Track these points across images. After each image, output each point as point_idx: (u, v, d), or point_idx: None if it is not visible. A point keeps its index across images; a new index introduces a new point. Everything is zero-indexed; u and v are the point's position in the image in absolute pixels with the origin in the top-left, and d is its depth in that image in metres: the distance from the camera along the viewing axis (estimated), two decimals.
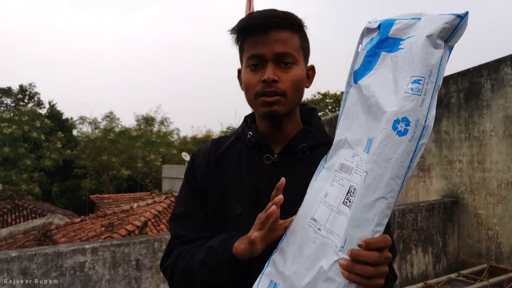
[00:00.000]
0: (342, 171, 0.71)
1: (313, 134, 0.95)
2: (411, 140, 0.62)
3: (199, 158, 0.99)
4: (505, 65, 4.09)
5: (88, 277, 2.34)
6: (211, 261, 0.82)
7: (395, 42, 0.69)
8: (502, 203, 4.08)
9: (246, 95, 0.92)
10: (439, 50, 0.64)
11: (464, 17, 0.63)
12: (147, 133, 21.72)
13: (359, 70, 0.73)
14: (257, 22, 0.85)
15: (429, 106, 0.63)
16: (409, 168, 0.63)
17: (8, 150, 17.85)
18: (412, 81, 0.64)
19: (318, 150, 0.92)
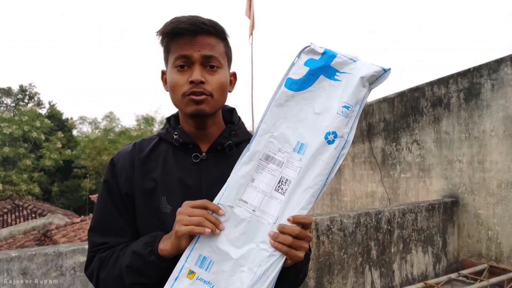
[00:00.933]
0: (269, 161, 0.85)
1: (236, 132, 1.00)
2: (336, 148, 0.83)
3: (120, 162, 0.97)
4: (505, 65, 4.10)
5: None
6: (137, 265, 0.84)
7: (333, 71, 0.88)
8: (502, 203, 4.08)
9: (171, 95, 0.94)
10: (364, 89, 0.86)
11: (387, 71, 0.87)
12: (147, 133, 21.73)
13: (298, 81, 0.87)
14: (186, 27, 0.88)
15: (351, 127, 0.85)
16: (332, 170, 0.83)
17: (8, 150, 17.88)
18: (343, 106, 0.85)
19: (242, 146, 0.96)
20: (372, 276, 3.66)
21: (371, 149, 5.91)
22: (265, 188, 0.83)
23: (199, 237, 0.80)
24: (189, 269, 0.79)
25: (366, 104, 6.07)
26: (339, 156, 0.83)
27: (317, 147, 0.83)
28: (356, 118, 0.86)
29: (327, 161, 0.82)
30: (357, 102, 0.85)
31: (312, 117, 0.86)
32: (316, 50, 0.89)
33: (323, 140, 0.83)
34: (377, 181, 5.75)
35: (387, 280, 3.79)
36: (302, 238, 0.79)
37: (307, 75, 0.88)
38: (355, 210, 3.72)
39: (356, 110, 0.85)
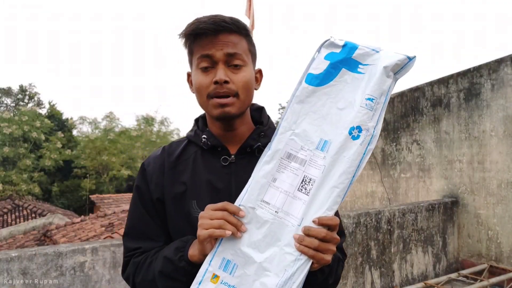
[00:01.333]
0: (291, 160, 0.81)
1: (265, 133, 0.97)
2: (362, 144, 0.79)
3: (150, 166, 0.97)
4: (505, 65, 4.10)
5: (88, 277, 2.34)
6: (169, 270, 0.84)
7: (355, 63, 0.84)
8: (502, 203, 4.08)
9: (197, 97, 0.92)
10: (389, 79, 0.82)
11: (412, 59, 0.82)
12: (147, 133, 21.74)
13: (319, 76, 0.84)
14: (207, 27, 0.86)
15: (377, 120, 0.81)
16: (358, 167, 0.79)
17: (8, 150, 17.87)
18: (366, 98, 0.81)
19: None
20: (372, 276, 3.66)
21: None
22: (287, 188, 0.80)
23: (222, 240, 0.78)
24: (212, 273, 0.77)
25: None
26: (365, 152, 0.79)
27: (341, 144, 0.79)
28: (382, 111, 0.81)
29: (353, 158, 0.78)
30: (381, 93, 0.81)
31: (335, 113, 0.82)
32: (336, 43, 0.85)
33: (347, 136, 0.79)
34: (377, 181, 5.75)
35: (387, 280, 3.79)
36: (329, 241, 0.76)
37: (328, 69, 0.84)
38: (355, 210, 3.72)
39: (381, 102, 0.81)
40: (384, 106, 0.81)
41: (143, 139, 21.05)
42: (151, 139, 21.33)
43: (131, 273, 0.93)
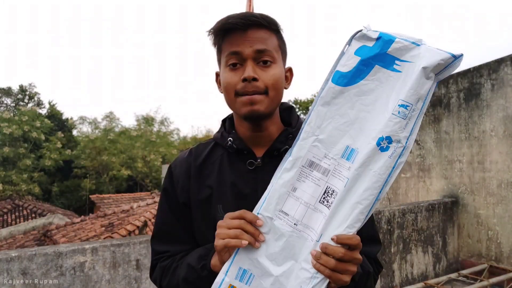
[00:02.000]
0: (313, 169, 0.74)
1: (294, 135, 0.91)
2: (391, 156, 0.70)
3: (177, 170, 0.96)
4: (505, 65, 4.10)
5: (88, 277, 2.34)
6: (192, 278, 0.85)
7: (391, 59, 0.73)
8: (502, 203, 4.08)
9: (225, 96, 0.89)
10: (429, 81, 0.70)
11: (459, 57, 0.70)
12: (147, 133, 21.73)
13: (348, 74, 0.74)
14: (236, 21, 0.84)
15: (411, 130, 0.71)
16: (386, 182, 0.70)
17: (8, 150, 17.87)
18: (399, 105, 0.70)
19: None
20: None
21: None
22: (308, 199, 0.73)
23: (238, 250, 0.75)
24: (229, 283, 0.74)
25: None
26: (394, 165, 0.70)
27: (368, 155, 0.70)
28: (419, 118, 0.71)
29: (380, 172, 0.69)
30: (418, 98, 0.70)
31: (365, 117, 0.73)
32: (369, 35, 0.74)
33: (374, 147, 0.70)
34: None
35: (387, 280, 3.79)
36: (348, 261, 0.70)
37: (359, 65, 0.73)
38: None
39: (417, 108, 0.70)
40: (421, 112, 0.71)
41: (143, 139, 21.04)
42: (151, 139, 21.32)
43: (158, 276, 0.94)
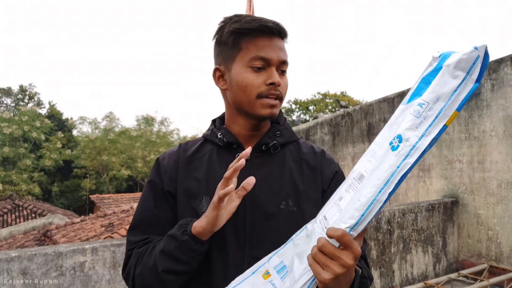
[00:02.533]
0: (360, 181, 0.72)
1: (281, 132, 0.98)
2: (397, 155, 0.66)
3: (165, 161, 0.98)
4: (505, 65, 4.10)
5: (88, 277, 2.34)
6: (171, 248, 0.82)
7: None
8: (502, 203, 4.08)
9: (241, 95, 0.91)
10: (455, 80, 0.65)
11: (481, 49, 0.63)
12: (147, 133, 21.74)
13: (412, 95, 0.73)
14: (273, 27, 0.89)
15: (426, 130, 0.66)
16: (388, 181, 0.65)
17: (8, 150, 17.87)
18: (418, 103, 0.67)
19: (286, 148, 0.99)
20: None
21: None
22: (342, 205, 0.73)
23: (287, 245, 0.78)
24: (267, 269, 0.77)
25: (366, 104, 6.08)
26: (399, 165, 0.65)
27: (381, 155, 0.69)
28: (438, 121, 0.66)
29: (383, 170, 0.66)
30: (438, 97, 0.65)
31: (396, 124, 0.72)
32: (435, 57, 0.72)
33: (388, 146, 0.68)
34: None
35: (387, 280, 3.79)
36: (331, 257, 0.66)
37: (420, 84, 0.72)
38: None
39: (436, 108, 0.65)
40: (442, 114, 0.65)
41: (143, 139, 21.05)
42: (151, 139, 21.33)
43: (133, 265, 0.89)
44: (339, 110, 8.72)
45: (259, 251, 0.87)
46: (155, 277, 0.84)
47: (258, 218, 0.90)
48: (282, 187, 0.93)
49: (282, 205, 0.92)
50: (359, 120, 6.11)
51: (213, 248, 0.88)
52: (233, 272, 0.86)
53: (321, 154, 1.02)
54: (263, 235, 0.89)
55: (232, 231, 0.89)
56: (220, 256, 0.88)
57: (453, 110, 0.66)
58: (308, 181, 0.96)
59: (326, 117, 7.06)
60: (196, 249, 0.81)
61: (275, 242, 0.85)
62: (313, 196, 0.95)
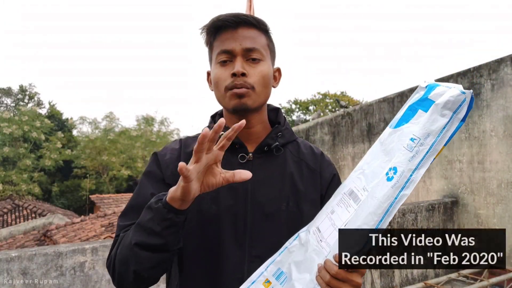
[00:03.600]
0: (351, 198, 0.79)
1: (283, 133, 0.99)
2: (393, 187, 0.73)
3: (167, 156, 0.95)
4: (505, 65, 4.10)
5: (88, 277, 2.34)
6: (145, 219, 0.77)
7: (429, 103, 0.77)
8: (502, 203, 4.08)
9: (215, 92, 0.93)
10: (444, 119, 0.73)
11: (465, 93, 0.73)
12: (147, 133, 21.73)
13: (399, 120, 0.81)
14: (227, 19, 0.89)
15: (418, 164, 0.73)
16: (388, 212, 0.72)
17: (8, 150, 17.87)
18: (410, 138, 0.75)
19: (287, 148, 0.99)
20: (372, 276, 3.66)
21: None
22: (337, 222, 0.79)
23: (282, 252, 0.81)
24: (266, 277, 0.80)
25: (366, 104, 6.08)
26: (397, 197, 0.73)
27: (377, 184, 0.75)
28: (429, 155, 0.73)
29: (382, 200, 0.73)
30: (428, 134, 0.73)
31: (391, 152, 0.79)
32: (421, 86, 0.81)
33: (383, 176, 0.75)
34: None
35: (387, 280, 3.79)
36: (342, 280, 0.72)
37: (407, 111, 0.80)
38: None
39: (427, 143, 0.73)
40: (432, 149, 0.73)
41: (143, 139, 21.04)
42: (151, 139, 21.32)
43: (114, 252, 0.85)
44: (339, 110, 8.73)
45: (259, 251, 0.88)
46: (130, 253, 0.79)
47: (258, 218, 0.90)
48: (282, 188, 0.93)
49: (283, 206, 0.92)
50: (359, 120, 6.11)
51: (212, 247, 0.88)
52: (232, 271, 0.86)
53: (320, 156, 1.03)
54: (263, 235, 0.89)
55: (232, 230, 0.89)
56: (220, 255, 0.88)
57: (442, 145, 0.73)
58: (307, 183, 0.97)
59: (326, 117, 7.06)
60: (168, 218, 0.75)
61: (275, 242, 0.86)
62: (312, 197, 0.96)
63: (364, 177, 0.79)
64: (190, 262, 0.90)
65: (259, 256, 0.87)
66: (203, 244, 0.89)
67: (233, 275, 0.86)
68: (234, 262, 0.87)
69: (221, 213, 0.89)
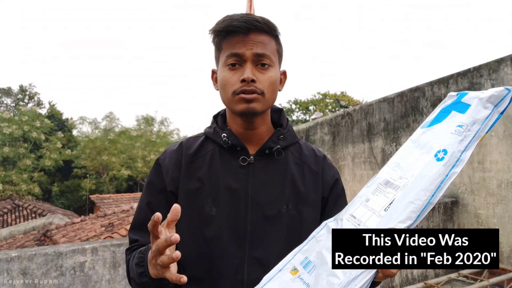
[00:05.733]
0: (388, 186, 0.84)
1: (285, 135, 0.99)
2: (445, 165, 0.79)
3: (166, 161, 0.96)
4: (505, 65, 4.10)
5: (88, 277, 2.34)
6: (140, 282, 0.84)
7: (465, 106, 0.87)
8: (502, 203, 4.08)
9: (222, 94, 0.93)
10: (486, 110, 0.84)
11: (510, 89, 0.84)
12: (147, 133, 21.73)
13: (432, 121, 0.90)
14: (239, 25, 0.88)
15: (466, 146, 0.82)
16: (440, 188, 0.78)
17: (8, 150, 17.87)
18: (457, 125, 0.84)
19: (289, 151, 0.99)
20: None
21: (371, 149, 5.91)
22: (376, 207, 0.82)
23: (309, 241, 0.82)
24: (293, 265, 0.80)
25: (366, 104, 6.08)
26: (448, 173, 0.79)
27: (426, 164, 0.81)
28: (475, 139, 0.83)
29: (434, 177, 0.79)
30: (474, 121, 0.84)
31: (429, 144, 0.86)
32: (451, 95, 0.92)
33: (432, 158, 0.81)
34: None
35: (387, 280, 3.80)
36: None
37: (440, 113, 0.90)
38: None
39: (473, 129, 0.83)
40: (477, 134, 0.83)
41: (143, 139, 21.04)
42: (151, 139, 21.32)
43: (126, 263, 0.95)
44: (339, 110, 8.73)
45: (260, 252, 0.88)
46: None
47: (259, 220, 0.90)
48: (283, 191, 0.93)
49: (283, 209, 0.92)
50: (359, 120, 6.11)
51: (213, 248, 0.88)
52: (233, 273, 0.86)
53: (322, 158, 1.03)
54: (264, 236, 0.90)
55: (232, 232, 0.89)
56: (220, 257, 0.88)
57: (485, 132, 0.84)
58: (309, 185, 0.97)
59: (326, 117, 7.06)
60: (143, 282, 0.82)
61: (275, 244, 0.87)
62: (313, 200, 0.96)
63: (399, 169, 0.84)
64: (191, 264, 0.90)
65: (260, 258, 0.87)
66: (203, 245, 0.89)
67: (234, 277, 0.86)
68: (235, 264, 0.87)
69: (222, 215, 0.89)
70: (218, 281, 0.87)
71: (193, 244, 0.89)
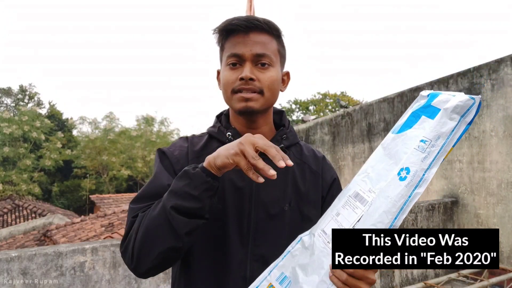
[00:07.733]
0: (357, 200, 0.81)
1: (287, 135, 1.01)
2: (407, 186, 0.75)
3: (176, 152, 0.96)
4: (505, 65, 4.10)
5: (88, 277, 2.34)
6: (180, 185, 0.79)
7: (434, 110, 0.82)
8: (502, 203, 4.08)
9: (223, 93, 0.96)
10: (452, 122, 0.78)
11: (476, 99, 0.78)
12: (147, 133, 21.74)
13: (402, 125, 0.85)
14: (239, 23, 0.90)
15: (430, 164, 0.77)
16: (402, 210, 0.75)
17: (8, 150, 17.88)
18: (421, 140, 0.78)
19: (290, 151, 1.01)
20: None
21: (371, 149, 5.91)
22: (345, 223, 0.80)
23: (285, 257, 0.81)
24: (270, 282, 0.80)
25: (366, 104, 6.08)
26: (411, 195, 0.75)
27: (388, 183, 0.77)
28: (440, 155, 0.78)
29: (395, 199, 0.75)
30: (438, 136, 0.78)
31: (396, 155, 0.82)
32: (423, 95, 0.86)
33: (395, 176, 0.77)
34: None
35: (387, 280, 3.80)
36: (358, 278, 0.72)
37: (410, 117, 0.84)
38: None
39: (438, 145, 0.78)
40: (442, 150, 0.78)
41: (143, 139, 21.05)
42: (151, 139, 21.33)
43: (135, 229, 0.82)
44: (339, 110, 8.73)
45: (262, 249, 0.90)
46: (163, 223, 0.78)
47: (262, 217, 0.92)
48: (285, 190, 0.95)
49: (286, 207, 0.94)
50: (359, 120, 6.11)
51: (218, 244, 0.90)
52: (236, 269, 0.88)
53: (322, 159, 1.06)
54: (267, 234, 0.91)
55: (237, 229, 0.90)
56: (225, 253, 0.89)
57: (451, 146, 0.79)
58: (309, 185, 0.99)
59: (326, 117, 7.06)
60: (207, 181, 0.78)
61: (278, 241, 0.88)
62: (313, 199, 0.99)
63: (369, 180, 0.81)
64: (196, 259, 0.91)
65: (262, 255, 0.89)
66: (208, 241, 0.90)
67: (237, 273, 0.88)
68: (238, 260, 0.89)
69: (227, 211, 0.91)
70: (222, 276, 0.89)
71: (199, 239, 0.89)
